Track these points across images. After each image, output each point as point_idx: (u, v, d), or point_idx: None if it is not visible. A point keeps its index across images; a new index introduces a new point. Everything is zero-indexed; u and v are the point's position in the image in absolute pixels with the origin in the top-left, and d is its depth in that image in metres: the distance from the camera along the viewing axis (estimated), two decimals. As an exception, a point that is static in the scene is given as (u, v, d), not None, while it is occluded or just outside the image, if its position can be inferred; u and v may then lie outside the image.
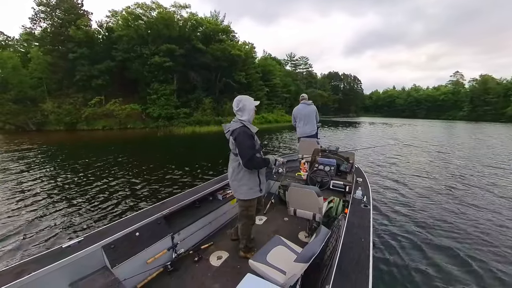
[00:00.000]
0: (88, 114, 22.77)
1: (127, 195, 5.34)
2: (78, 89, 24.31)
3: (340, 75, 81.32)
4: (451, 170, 8.16)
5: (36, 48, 25.95)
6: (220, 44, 26.81)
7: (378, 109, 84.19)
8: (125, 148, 12.68)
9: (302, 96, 4.79)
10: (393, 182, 6.53)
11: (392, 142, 15.39)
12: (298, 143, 4.53)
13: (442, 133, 22.65)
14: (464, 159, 9.98)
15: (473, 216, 4.45)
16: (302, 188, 2.41)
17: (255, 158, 2.01)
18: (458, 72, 71.61)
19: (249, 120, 2.09)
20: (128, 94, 25.49)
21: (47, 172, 7.31)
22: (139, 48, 24.44)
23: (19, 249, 3.35)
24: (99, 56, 24.37)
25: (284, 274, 1.62)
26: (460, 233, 3.80)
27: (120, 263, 1.86)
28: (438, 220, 4.26)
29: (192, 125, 23.07)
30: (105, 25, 27.41)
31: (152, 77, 24.68)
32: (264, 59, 42.91)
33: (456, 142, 15.89)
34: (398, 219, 4.24)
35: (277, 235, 2.14)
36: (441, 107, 67.43)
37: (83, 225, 4.03)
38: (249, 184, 2.15)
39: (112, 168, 7.69)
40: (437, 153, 11.41)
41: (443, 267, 2.97)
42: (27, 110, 23.35)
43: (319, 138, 4.83)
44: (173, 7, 26.16)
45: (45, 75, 24.36)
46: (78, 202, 4.97)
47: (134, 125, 23.65)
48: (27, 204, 4.91)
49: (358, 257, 1.63)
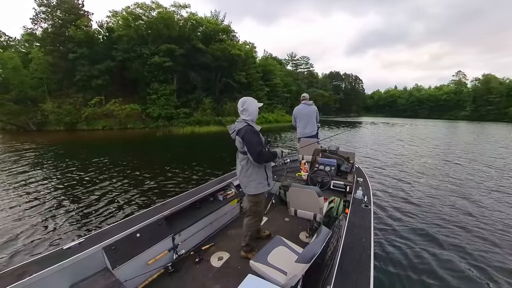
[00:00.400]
0: (88, 114, 22.76)
1: (126, 196, 5.31)
2: (78, 89, 24.32)
3: (342, 75, 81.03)
4: (454, 170, 8.09)
5: (36, 48, 26.04)
6: (220, 44, 26.73)
7: (380, 109, 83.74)
8: (124, 148, 12.65)
9: (303, 96, 4.75)
10: (394, 181, 6.49)
11: (397, 142, 15.26)
12: (298, 143, 4.50)
13: (444, 133, 22.46)
14: (467, 160, 9.86)
15: (477, 216, 4.40)
16: (302, 189, 2.41)
17: (264, 153, 2.12)
18: (460, 71, 71.19)
19: (253, 120, 2.21)
20: (128, 94, 25.47)
21: (45, 173, 7.29)
22: (139, 48, 24.40)
23: (18, 250, 3.36)
24: (99, 56, 24.36)
25: (285, 275, 1.62)
26: (462, 234, 3.77)
27: (121, 264, 1.87)
28: (440, 219, 4.24)
29: (192, 125, 22.99)
30: (105, 25, 27.46)
31: (152, 77, 24.64)
32: (264, 59, 42.81)
33: (459, 142, 15.75)
34: (399, 219, 4.23)
35: (278, 236, 2.15)
36: (443, 107, 66.94)
37: (84, 225, 4.03)
38: (258, 179, 2.25)
39: (110, 169, 7.66)
40: (439, 153, 11.28)
41: (444, 267, 2.96)
42: (27, 110, 23.40)
43: (319, 138, 4.83)
44: (173, 6, 26.10)
45: (45, 75, 24.41)
46: (78, 202, 4.97)
47: (134, 125, 23.62)
48: (25, 205, 4.88)
49: (359, 257, 1.63)
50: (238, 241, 2.60)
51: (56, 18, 24.71)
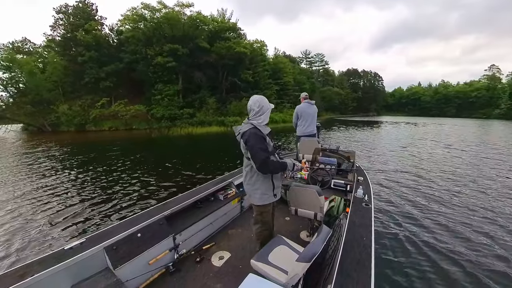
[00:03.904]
0: (96, 115, 23.35)
1: (124, 197, 5.30)
2: (88, 91, 25.08)
3: (360, 72, 77.35)
4: (461, 170, 7.74)
5: (53, 53, 27.32)
6: (225, 42, 26.18)
7: (401, 108, 78.67)
8: (123, 149, 12.30)
9: (306, 94, 4.77)
10: (394, 181, 6.35)
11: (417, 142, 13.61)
12: (298, 142, 4.50)
13: (476, 134, 19.96)
14: (478, 158, 9.40)
15: (482, 219, 4.24)
16: (303, 188, 2.37)
17: (270, 162, 1.87)
18: (494, 65, 64.13)
19: (264, 122, 1.98)
20: (136, 95, 25.87)
21: (55, 171, 7.62)
22: (144, 49, 24.57)
23: (17, 251, 3.39)
24: (107, 59, 24.94)
25: (286, 274, 1.61)
26: (463, 234, 3.70)
27: (122, 264, 1.86)
28: (441, 219, 4.18)
29: (194, 126, 22.68)
30: (115, 28, 28.13)
31: (156, 77, 24.75)
32: (275, 57, 41.75)
33: (492, 141, 13.73)
34: (400, 218, 4.19)
35: (279, 235, 2.13)
36: (474, 104, 61.06)
37: (85, 225, 4.10)
38: (263, 188, 2.03)
39: (108, 170, 7.73)
40: (461, 154, 10.02)
41: (444, 267, 2.94)
42: (43, 112, 24.61)
43: (319, 138, 4.92)
44: (177, 6, 25.95)
45: (59, 79, 25.51)
46: (77, 202, 5.07)
47: (138, 126, 23.80)
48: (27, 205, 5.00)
49: (360, 256, 1.63)
50: (239, 241, 2.71)
51: (69, 24, 25.71)
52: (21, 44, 31.80)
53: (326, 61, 69.08)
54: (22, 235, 3.78)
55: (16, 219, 4.33)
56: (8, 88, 25.82)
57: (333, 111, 59.71)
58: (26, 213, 4.59)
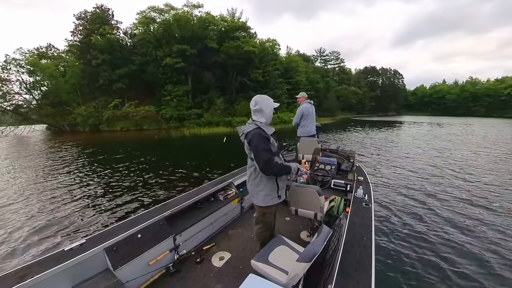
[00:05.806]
0: (108, 116, 24.13)
1: (124, 198, 5.30)
2: (102, 92, 26.02)
3: (378, 70, 74.07)
4: (462, 169, 7.57)
5: (73, 57, 28.76)
6: (233, 41, 25.97)
7: (424, 107, 74.04)
8: (131, 150, 12.38)
9: (305, 94, 4.72)
10: (395, 181, 6.35)
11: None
12: (298, 142, 4.53)
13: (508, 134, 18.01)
14: None
15: (483, 218, 4.19)
16: (303, 188, 2.37)
17: (273, 163, 1.87)
18: (531, 59, 58.53)
19: (267, 122, 1.95)
20: (147, 96, 26.46)
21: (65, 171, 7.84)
22: (154, 50, 24.99)
23: (17, 251, 3.41)
24: (121, 61, 25.70)
25: (287, 274, 1.60)
26: (464, 234, 3.67)
27: (122, 265, 1.86)
28: (441, 219, 4.14)
29: (201, 126, 22.67)
30: (129, 32, 28.98)
31: (166, 78, 25.08)
32: (287, 56, 40.97)
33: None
34: (400, 218, 4.17)
35: (279, 235, 2.13)
36: (507, 103, 55.92)
37: (85, 225, 4.13)
38: (266, 190, 2.00)
39: (106, 169, 7.83)
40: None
41: (445, 266, 2.93)
42: (62, 113, 25.96)
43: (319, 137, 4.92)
44: (186, 6, 26.16)
45: (77, 81, 26.76)
46: (79, 202, 5.14)
47: (148, 126, 24.25)
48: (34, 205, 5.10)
49: (360, 256, 1.62)
50: (239, 241, 2.70)
51: (85, 29, 26.85)
52: (46, 50, 33.92)
53: (342, 59, 66.86)
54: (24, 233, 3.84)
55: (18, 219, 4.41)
56: (32, 91, 27.57)
57: (350, 111, 57.63)
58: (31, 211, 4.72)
